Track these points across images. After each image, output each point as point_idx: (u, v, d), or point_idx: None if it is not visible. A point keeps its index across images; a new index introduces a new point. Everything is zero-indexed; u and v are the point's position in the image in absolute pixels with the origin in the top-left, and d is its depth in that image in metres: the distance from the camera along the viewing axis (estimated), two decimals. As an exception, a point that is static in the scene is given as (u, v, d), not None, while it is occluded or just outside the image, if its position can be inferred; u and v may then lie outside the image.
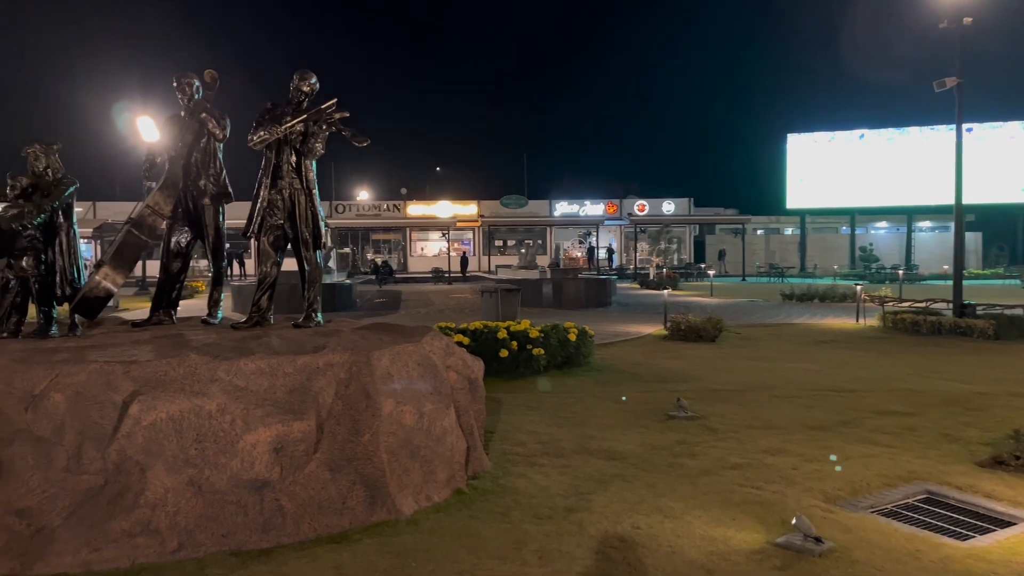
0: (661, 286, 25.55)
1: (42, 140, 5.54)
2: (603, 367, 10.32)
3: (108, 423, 4.19)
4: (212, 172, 5.99)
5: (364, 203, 55.19)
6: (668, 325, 14.14)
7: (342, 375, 4.75)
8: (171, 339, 5.15)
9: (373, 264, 39.68)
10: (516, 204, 54.33)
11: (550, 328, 9.96)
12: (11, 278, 5.36)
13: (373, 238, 56.30)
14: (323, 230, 5.90)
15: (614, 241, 54.39)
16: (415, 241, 55.19)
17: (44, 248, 5.39)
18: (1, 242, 5.22)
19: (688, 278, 38.45)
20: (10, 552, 3.85)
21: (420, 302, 23.12)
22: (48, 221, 5.39)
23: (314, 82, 5.75)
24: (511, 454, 5.99)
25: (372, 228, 54.81)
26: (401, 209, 54.41)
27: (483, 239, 54.88)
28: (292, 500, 4.35)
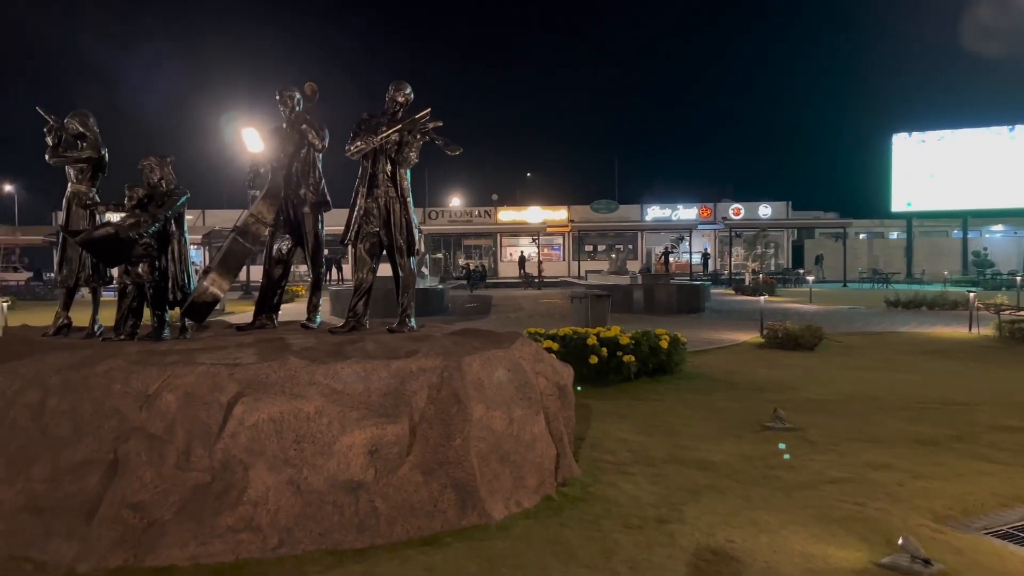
0: (757, 292, 24.85)
1: (156, 153, 5.86)
2: (696, 375, 10.12)
3: (214, 423, 4.39)
4: (312, 181, 6.20)
5: (456, 209, 56.03)
6: (764, 332, 13.74)
7: (434, 379, 4.83)
8: (273, 343, 5.35)
9: (465, 269, 40.20)
10: (606, 209, 54.01)
11: (641, 335, 9.84)
12: (128, 284, 5.70)
13: (464, 243, 57.06)
14: (417, 237, 6.02)
15: (708, 246, 53.23)
16: (505, 246, 55.57)
17: (158, 255, 5.69)
18: (119, 250, 5.55)
19: (785, 284, 37.29)
20: (125, 544, 4.07)
21: (510, 307, 23.27)
22: (162, 230, 5.70)
23: (409, 92, 5.88)
24: (601, 462, 5.95)
25: (464, 234, 55.57)
26: (492, 215, 54.95)
27: (573, 244, 54.77)
28: (386, 502, 4.44)
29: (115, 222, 5.65)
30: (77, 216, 6.07)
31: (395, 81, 5.88)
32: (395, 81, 5.88)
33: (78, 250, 6.01)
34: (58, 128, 6.10)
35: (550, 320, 17.25)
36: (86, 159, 6.11)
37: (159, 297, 5.72)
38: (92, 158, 6.14)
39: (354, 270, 6.09)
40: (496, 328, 7.24)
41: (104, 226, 5.63)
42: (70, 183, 6.14)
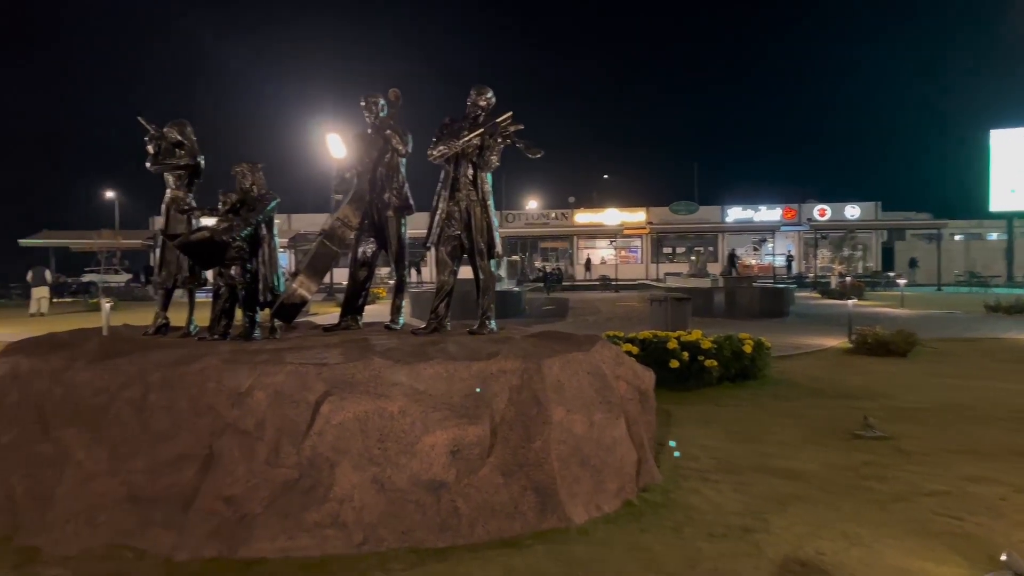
0: (844, 296, 24.03)
1: (248, 160, 6.08)
2: (780, 381, 9.85)
3: (302, 421, 4.52)
4: (395, 186, 6.32)
5: (533, 212, 56.12)
6: (853, 338, 13.26)
7: (514, 381, 4.85)
8: (357, 343, 5.47)
9: (542, 271, 40.24)
10: (686, 210, 53.17)
11: (723, 339, 9.64)
12: (222, 285, 5.93)
13: (541, 246, 57.13)
14: (497, 240, 6.06)
15: (792, 248, 51.75)
16: (582, 248, 55.37)
17: (249, 258, 5.90)
18: (214, 253, 5.77)
19: (875, 287, 35.90)
20: (219, 535, 4.24)
21: (587, 309, 23.18)
22: (253, 234, 5.90)
23: (490, 96, 5.93)
24: (682, 468, 5.85)
25: (540, 236, 55.63)
26: (569, 217, 54.81)
27: (651, 246, 54.12)
28: (467, 502, 4.48)
29: (210, 226, 5.89)
30: (175, 221, 6.35)
31: (477, 85, 5.94)
32: (477, 85, 5.94)
33: (176, 253, 6.28)
34: (158, 137, 6.40)
35: (628, 323, 17.10)
36: (183, 166, 6.39)
37: (250, 298, 5.92)
38: (189, 165, 6.41)
39: (436, 273, 6.17)
40: (573, 331, 7.22)
41: (200, 230, 5.87)
42: (168, 189, 6.43)
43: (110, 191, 58.29)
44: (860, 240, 48.79)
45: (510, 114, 5.77)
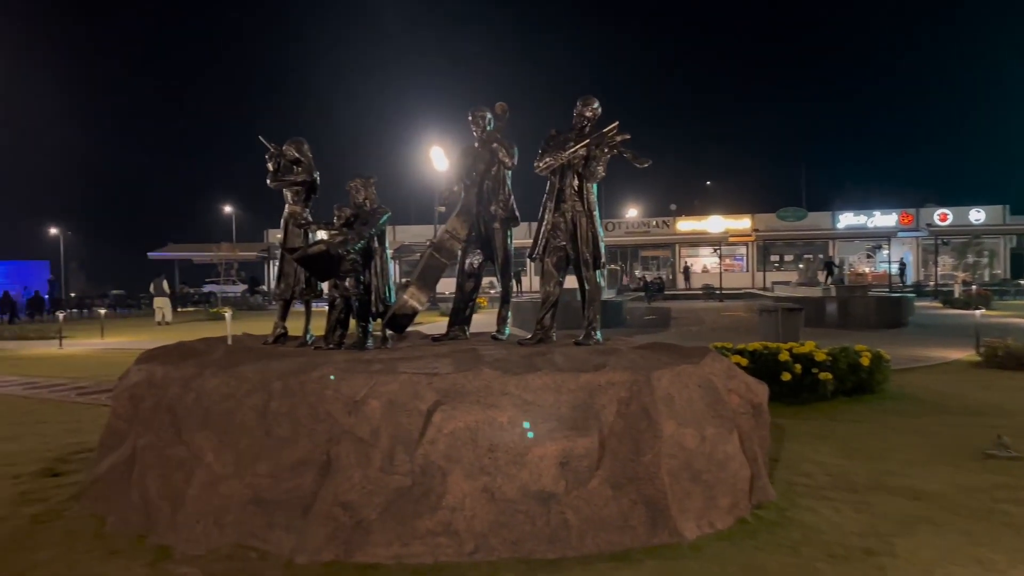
0: (970, 305, 22.62)
1: (361, 175, 6.29)
2: (901, 395, 9.35)
3: (415, 429, 4.62)
4: (502, 198, 6.41)
5: (633, 220, 55.54)
6: (981, 350, 12.45)
7: (623, 394, 4.81)
8: (466, 353, 5.56)
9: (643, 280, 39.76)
10: (794, 217, 51.38)
11: (838, 351, 9.25)
12: (337, 297, 6.15)
13: (642, 255, 56.44)
14: (603, 250, 6.03)
15: (909, 255, 49.17)
16: (684, 257, 54.36)
17: (363, 270, 6.10)
18: (330, 265, 6.00)
19: (1003, 296, 33.63)
20: (336, 540, 4.38)
21: (690, 319, 22.69)
22: (366, 246, 6.10)
23: (596, 107, 5.93)
24: (797, 485, 5.64)
25: (641, 245, 54.98)
26: (670, 225, 53.96)
27: (757, 254, 52.56)
28: (576, 514, 4.47)
29: (326, 240, 6.12)
30: (293, 235, 6.64)
31: (583, 96, 5.95)
32: (583, 96, 5.95)
33: (293, 265, 6.56)
34: (277, 155, 6.71)
35: (735, 334, 16.64)
36: (301, 182, 6.68)
37: (363, 309, 6.12)
38: (306, 181, 6.70)
39: (541, 284, 6.20)
40: (677, 342, 7.09)
41: (317, 244, 6.11)
42: (287, 204, 6.73)
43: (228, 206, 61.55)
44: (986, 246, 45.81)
45: (616, 124, 5.75)
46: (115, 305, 40.61)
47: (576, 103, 5.95)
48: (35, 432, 8.34)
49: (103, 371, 13.77)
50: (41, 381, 12.81)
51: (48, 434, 8.20)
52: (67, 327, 22.53)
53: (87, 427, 8.47)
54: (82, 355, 17.57)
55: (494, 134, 6.39)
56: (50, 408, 10.14)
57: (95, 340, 21.40)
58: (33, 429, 8.53)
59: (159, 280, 30.21)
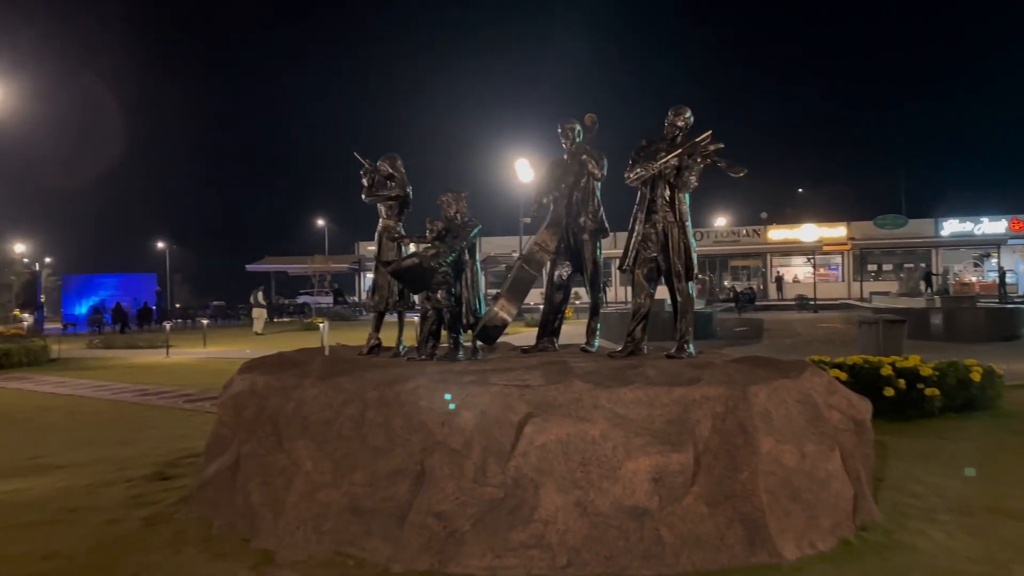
0: (1090, 317, 21.06)
1: (452, 189, 6.38)
2: (1016, 413, 8.80)
3: (507, 441, 4.64)
4: (591, 209, 6.38)
5: (721, 229, 54.44)
6: (1105, 365, 11.60)
7: (718, 408, 4.70)
8: (556, 366, 5.55)
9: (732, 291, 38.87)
10: (893, 224, 49.27)
11: (946, 365, 8.78)
12: (429, 308, 6.25)
13: (731, 264, 55.21)
14: (695, 261, 5.93)
15: (1021, 264, 46.33)
16: (775, 266, 52.86)
17: (454, 282, 6.18)
18: (422, 278, 6.10)
19: None
20: (431, 550, 4.43)
21: (783, 331, 22.04)
22: (457, 259, 6.18)
23: (688, 116, 5.84)
24: (904, 506, 5.38)
25: (730, 254, 53.79)
26: (761, 234, 52.61)
27: (853, 263, 50.60)
28: (671, 531, 4.38)
29: (418, 252, 6.24)
30: (387, 248, 6.80)
31: (674, 106, 5.87)
32: (674, 106, 5.87)
33: (387, 278, 6.71)
34: (372, 170, 6.89)
35: (831, 347, 16.05)
36: (395, 197, 6.83)
37: (455, 321, 6.19)
38: (399, 196, 6.84)
39: (632, 295, 6.13)
40: (770, 354, 6.88)
41: (410, 257, 6.23)
42: (381, 219, 6.89)
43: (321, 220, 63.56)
44: (1107, 253, 42.81)
45: (709, 133, 5.65)
46: (216, 316, 42.47)
47: (667, 113, 5.88)
48: (146, 437, 8.80)
49: (207, 379, 14.41)
50: (150, 388, 13.51)
51: (158, 439, 8.64)
52: (173, 337, 23.71)
53: (193, 433, 8.88)
54: (187, 363, 18.45)
55: (583, 145, 6.38)
56: (159, 414, 10.68)
57: (198, 349, 22.44)
58: (144, 434, 9.00)
59: (256, 292, 31.48)
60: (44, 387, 14.28)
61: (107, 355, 21.87)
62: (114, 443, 8.47)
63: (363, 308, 46.11)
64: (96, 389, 13.67)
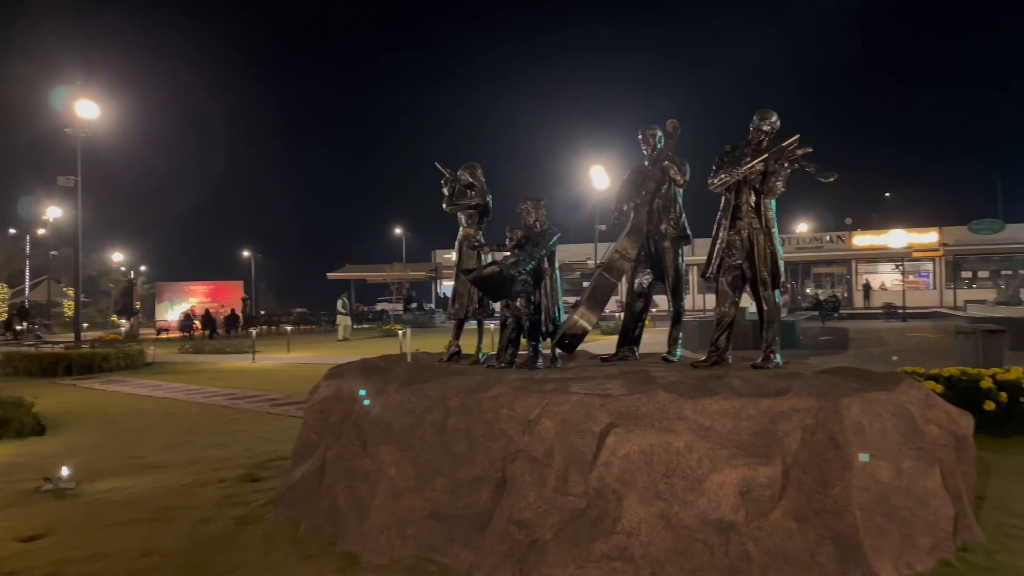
0: None
1: (532, 197, 6.39)
2: None
3: (588, 451, 4.61)
4: (672, 216, 6.30)
5: (804, 235, 52.93)
6: None
7: (808, 421, 4.55)
8: (638, 375, 5.48)
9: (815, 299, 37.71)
10: (989, 229, 46.92)
11: (1052, 378, 8.28)
12: (508, 316, 6.27)
13: (814, 272, 53.57)
14: (782, 269, 5.77)
15: None
16: (861, 274, 51.03)
17: (533, 291, 6.19)
18: (502, 286, 6.13)
19: None
20: (512, 558, 4.43)
21: (870, 341, 21.23)
22: (537, 267, 6.19)
23: (775, 120, 5.70)
24: (1007, 526, 5.09)
25: (813, 261, 52.22)
26: (846, 240, 50.90)
27: (946, 270, 48.40)
28: (758, 546, 4.26)
29: (498, 261, 6.27)
30: (467, 256, 6.86)
31: (760, 110, 5.74)
32: (760, 110, 5.74)
33: (467, 286, 6.77)
34: (452, 180, 6.97)
35: (924, 358, 15.38)
36: (475, 206, 6.89)
37: (534, 329, 6.19)
38: (479, 204, 6.90)
39: (716, 304, 6.01)
40: (856, 365, 6.62)
41: (490, 265, 6.27)
42: (461, 227, 6.96)
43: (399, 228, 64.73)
44: None
45: (797, 137, 5.50)
46: (299, 322, 43.70)
47: (753, 117, 5.75)
48: (236, 440, 9.10)
49: (291, 384, 14.83)
50: (239, 392, 13.98)
51: (247, 442, 8.93)
52: (258, 342, 24.50)
53: (279, 436, 9.14)
54: (272, 368, 19.03)
55: (665, 151, 6.30)
56: (247, 417, 11.05)
57: (282, 354, 23.12)
58: (234, 437, 9.32)
59: (342, 299, 32.31)
60: (141, 390, 14.95)
61: (197, 359, 22.76)
62: (207, 445, 8.79)
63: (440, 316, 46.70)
64: (188, 392, 14.24)
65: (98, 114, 22.68)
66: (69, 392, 14.81)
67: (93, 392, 14.88)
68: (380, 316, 46.13)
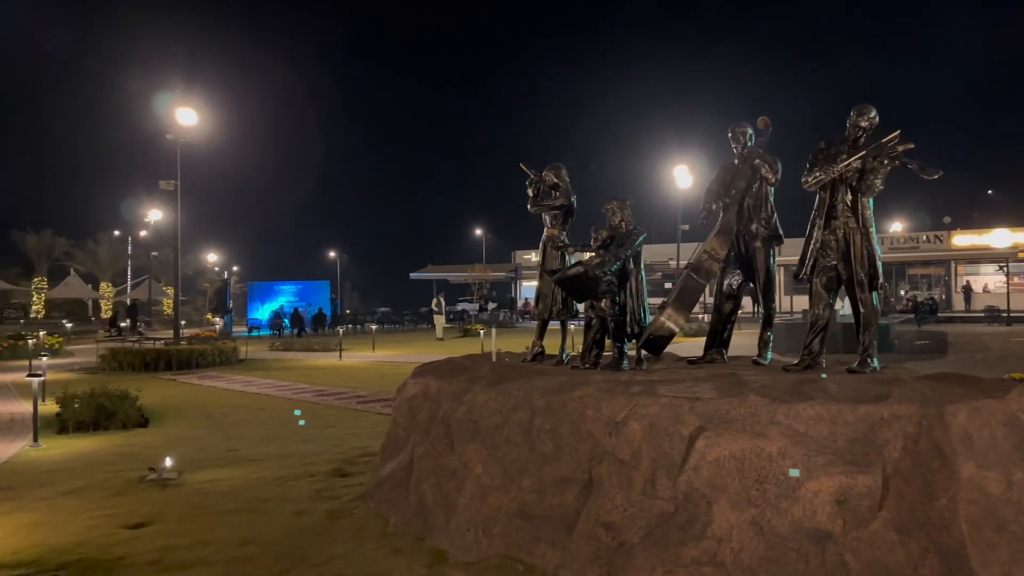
0: None
1: (617, 197, 6.35)
2: None
3: (676, 454, 4.54)
4: (763, 216, 6.14)
5: (898, 235, 50.83)
6: None
7: (910, 429, 4.36)
8: (727, 378, 5.37)
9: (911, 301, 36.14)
10: (1103, 228, 43.94)
11: None
12: (593, 317, 6.24)
13: (909, 273, 51.34)
14: (880, 270, 5.55)
15: None
16: (961, 275, 48.61)
17: (618, 291, 6.14)
18: (587, 287, 6.11)
19: None
20: (599, 560, 4.41)
21: (972, 346, 20.22)
22: (622, 268, 6.14)
23: (873, 116, 5.49)
24: None
25: (908, 262, 50.05)
26: (944, 240, 48.61)
27: (1056, 271, 45.63)
28: (856, 557, 4.11)
29: (583, 261, 6.25)
30: (551, 257, 6.86)
31: (857, 105, 5.53)
32: (857, 105, 5.53)
33: (551, 286, 6.77)
34: (537, 181, 6.98)
35: (1031, 363, 14.52)
36: (559, 206, 6.88)
37: (619, 330, 6.14)
38: (564, 205, 6.89)
39: (810, 306, 5.83)
40: (957, 370, 6.30)
41: (575, 266, 6.26)
42: (546, 228, 6.97)
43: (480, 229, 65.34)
44: None
45: (897, 133, 5.28)
46: (382, 321, 44.61)
47: (850, 113, 5.55)
48: (325, 435, 9.37)
49: (377, 382, 15.16)
50: (327, 389, 14.39)
51: (336, 437, 9.18)
52: (344, 340, 25.14)
53: (366, 432, 9.36)
54: (358, 366, 19.50)
55: (755, 149, 6.15)
56: (335, 414, 11.36)
57: (367, 353, 23.66)
58: (324, 433, 9.59)
59: (437, 298, 32.89)
60: (235, 385, 15.57)
61: (286, 357, 23.54)
62: (298, 440, 9.08)
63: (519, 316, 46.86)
64: (279, 389, 14.74)
65: (196, 121, 23.71)
66: (169, 386, 15.55)
67: (191, 387, 15.57)
68: (461, 316, 46.64)
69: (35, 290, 57.35)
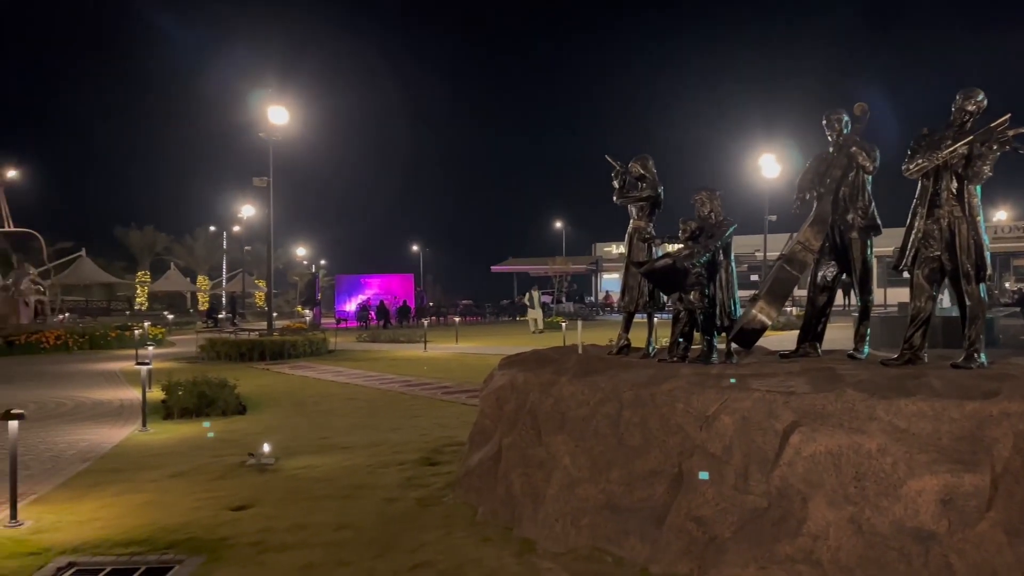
0: None
1: (707, 187, 6.24)
2: None
3: (770, 449, 4.45)
4: (860, 205, 5.93)
5: (1003, 224, 48.20)
6: None
7: (1021, 427, 4.15)
8: (822, 372, 5.21)
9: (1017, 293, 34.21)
10: None
11: None
12: (681, 310, 6.16)
13: (1014, 264, 48.65)
14: (988, 261, 5.28)
15: None
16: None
17: (708, 283, 6.04)
18: (675, 279, 6.03)
19: None
20: (690, 554, 4.38)
21: (1089, 341, 18.94)
22: (711, 259, 6.04)
23: (981, 99, 5.22)
24: None
25: (1014, 252, 47.42)
26: (1054, 229, 45.83)
27: None
28: (961, 559, 3.94)
29: (672, 253, 6.18)
30: (637, 249, 6.80)
31: (964, 89, 5.27)
32: (964, 89, 5.27)
33: (638, 279, 6.71)
34: (623, 172, 6.93)
35: None
36: (645, 198, 6.82)
37: (709, 323, 6.05)
38: (650, 197, 6.82)
39: (911, 298, 5.60)
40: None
41: (663, 257, 6.19)
42: (632, 220, 6.91)
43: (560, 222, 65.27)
44: None
45: (1008, 116, 5.00)
46: (465, 313, 45.14)
47: (956, 97, 5.29)
48: (413, 425, 9.58)
49: (461, 373, 15.38)
50: (413, 380, 14.69)
51: (423, 427, 9.37)
52: (428, 332, 25.59)
53: (452, 423, 9.52)
54: (442, 358, 19.81)
55: (852, 137, 5.94)
56: (422, 404, 11.59)
57: (451, 344, 24.01)
58: (411, 422, 9.81)
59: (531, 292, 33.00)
60: (325, 375, 16.07)
61: (373, 348, 24.12)
62: (386, 429, 9.32)
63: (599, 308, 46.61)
64: (367, 379, 15.13)
65: (288, 119, 24.50)
66: (263, 376, 16.17)
67: (284, 376, 16.16)
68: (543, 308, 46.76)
69: (139, 283, 60.58)
